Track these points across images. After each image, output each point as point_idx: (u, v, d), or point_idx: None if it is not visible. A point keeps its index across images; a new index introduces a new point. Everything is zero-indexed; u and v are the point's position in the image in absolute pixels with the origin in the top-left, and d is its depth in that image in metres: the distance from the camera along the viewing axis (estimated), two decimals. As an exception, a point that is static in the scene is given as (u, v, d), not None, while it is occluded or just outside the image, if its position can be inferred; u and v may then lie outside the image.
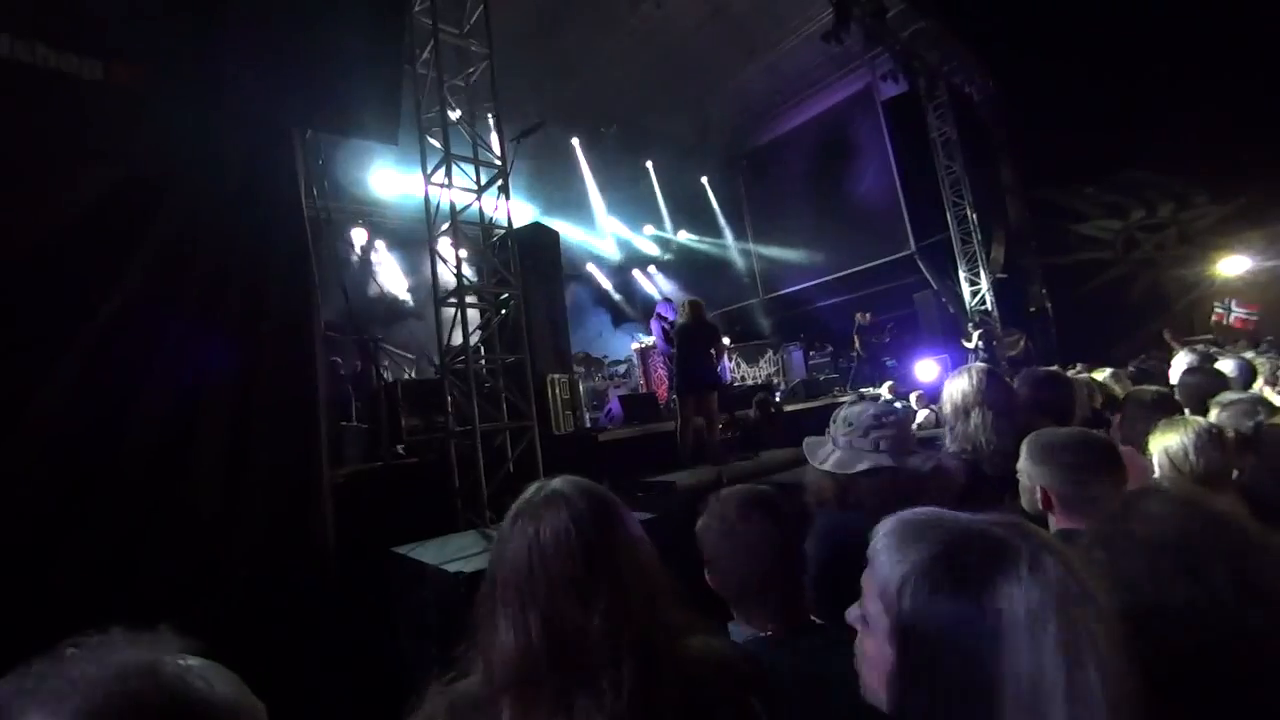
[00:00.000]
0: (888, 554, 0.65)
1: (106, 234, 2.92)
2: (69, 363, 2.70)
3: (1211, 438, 1.61)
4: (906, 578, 0.61)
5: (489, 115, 4.91)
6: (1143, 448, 1.71)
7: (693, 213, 14.75)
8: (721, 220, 14.74)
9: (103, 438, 2.72)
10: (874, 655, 0.65)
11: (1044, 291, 11.41)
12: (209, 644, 0.71)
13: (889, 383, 8.59)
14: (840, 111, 12.49)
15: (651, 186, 13.80)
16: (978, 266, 11.10)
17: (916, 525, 0.66)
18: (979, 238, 11.10)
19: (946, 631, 0.57)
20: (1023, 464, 1.44)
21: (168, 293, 3.04)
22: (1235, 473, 1.73)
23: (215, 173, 3.34)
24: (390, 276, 10.58)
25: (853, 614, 0.71)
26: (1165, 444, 1.65)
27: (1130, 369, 4.55)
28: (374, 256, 10.45)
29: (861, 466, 1.50)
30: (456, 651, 0.86)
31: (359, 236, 10.23)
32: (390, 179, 9.79)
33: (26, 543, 2.47)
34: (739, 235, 14.78)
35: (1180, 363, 3.07)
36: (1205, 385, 2.42)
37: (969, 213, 11.08)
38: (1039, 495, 1.36)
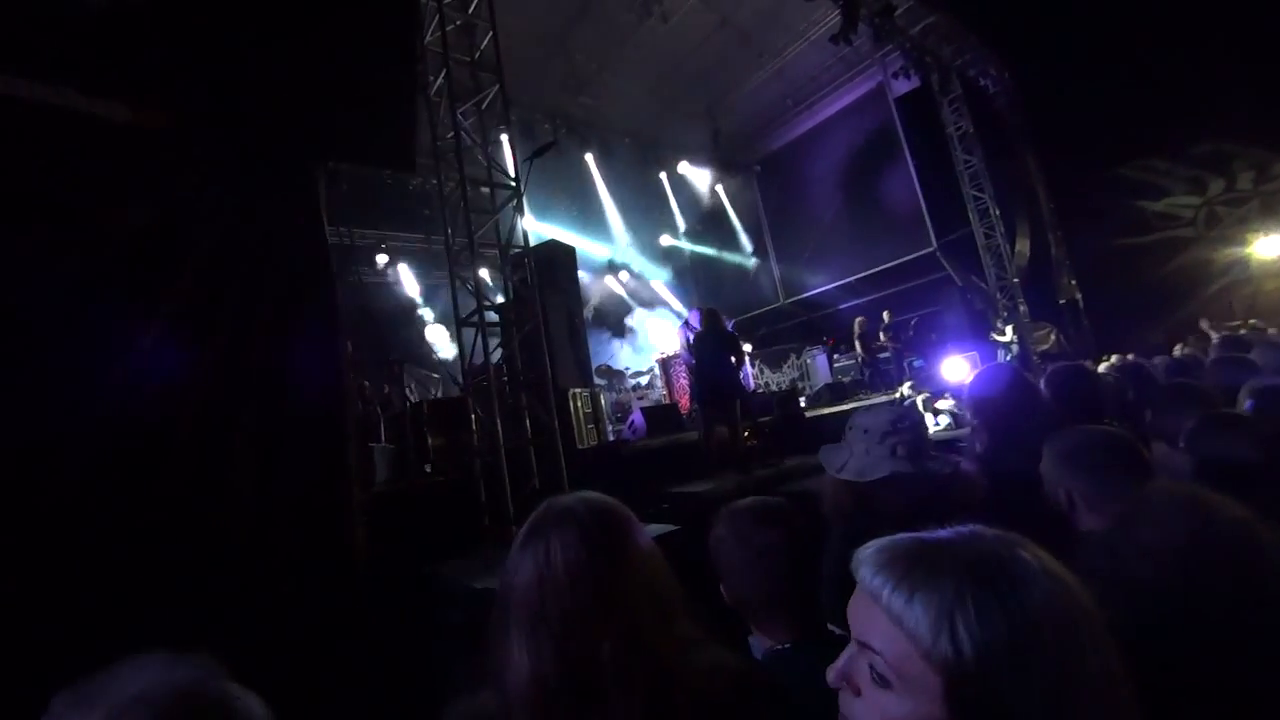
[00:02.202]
0: (904, 594, 0.54)
1: (138, 270, 3.04)
2: (104, 393, 2.81)
3: (1248, 430, 1.55)
4: (951, 616, 0.51)
5: (502, 138, 5.01)
6: (1175, 442, 1.66)
7: (709, 221, 14.78)
8: (738, 227, 14.73)
9: (134, 463, 2.82)
10: None
11: (1073, 282, 11.10)
12: (240, 661, 0.75)
13: (909, 383, 8.45)
14: (853, 112, 12.42)
15: (666, 197, 13.87)
16: (1003, 260, 10.88)
17: (916, 553, 0.57)
18: (1002, 231, 10.89)
19: (1017, 668, 0.49)
20: (1045, 465, 1.42)
21: (198, 323, 3.16)
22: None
23: (241, 207, 3.46)
24: (414, 299, 10.79)
25: (843, 670, 0.59)
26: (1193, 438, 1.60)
27: (1168, 360, 4.40)
28: (398, 280, 10.67)
29: (879, 474, 1.48)
30: (474, 667, 0.87)
31: (383, 261, 10.47)
32: (410, 204, 10.01)
33: (62, 556, 2.58)
34: (757, 241, 14.74)
35: (1213, 351, 2.96)
36: (1234, 373, 2.33)
37: (991, 206, 10.89)
38: (1062, 496, 1.33)
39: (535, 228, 5.07)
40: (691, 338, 6.94)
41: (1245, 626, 0.62)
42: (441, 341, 10.40)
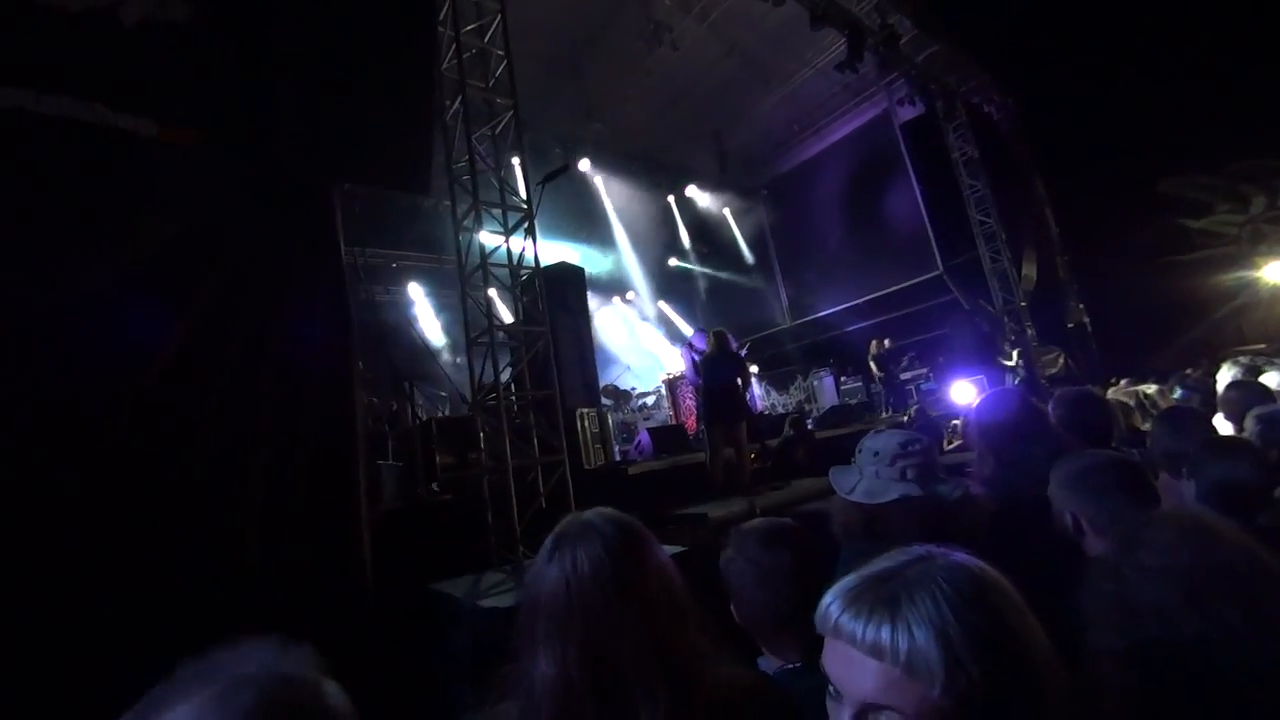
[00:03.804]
0: (905, 636, 0.53)
1: (158, 280, 3.12)
2: (119, 401, 2.86)
3: (1251, 455, 1.56)
4: (950, 643, 0.52)
5: (515, 161, 5.11)
6: (1172, 469, 1.67)
7: (717, 243, 14.89)
8: (745, 249, 14.84)
9: (143, 478, 2.86)
10: None
11: (1081, 306, 11.10)
12: None
13: (915, 406, 8.42)
14: (859, 137, 12.59)
15: (674, 219, 14.02)
16: (1010, 284, 10.91)
17: (886, 592, 0.57)
18: (1009, 255, 10.94)
19: (1008, 665, 0.51)
20: (1052, 489, 1.43)
21: (213, 338, 3.22)
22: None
23: (261, 224, 3.55)
24: (424, 318, 10.89)
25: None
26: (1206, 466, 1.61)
27: (1179, 389, 4.37)
28: (408, 299, 10.78)
29: (890, 496, 1.49)
30: (495, 680, 0.90)
31: (395, 281, 10.60)
32: (423, 225, 10.16)
33: (77, 565, 2.61)
34: (764, 263, 14.84)
35: (1225, 376, 2.97)
36: (1248, 400, 2.33)
37: (997, 230, 10.95)
38: (1069, 520, 1.35)
39: (545, 249, 5.16)
40: (696, 359, 6.98)
41: (1249, 651, 0.63)
42: (452, 359, 10.47)
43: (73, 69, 3.02)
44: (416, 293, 10.87)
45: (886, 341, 10.48)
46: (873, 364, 10.44)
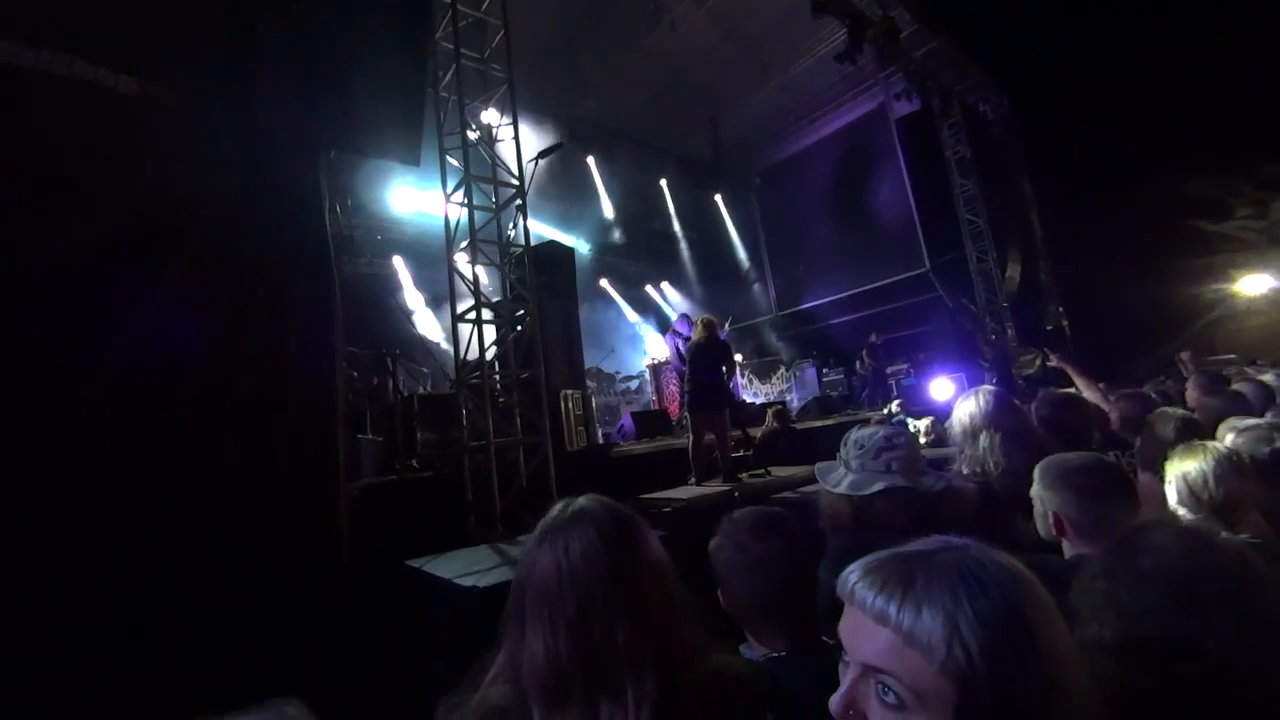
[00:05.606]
0: (911, 610, 0.54)
1: (140, 244, 3.02)
2: (101, 368, 2.78)
3: (1232, 464, 1.59)
4: (955, 623, 0.52)
5: (507, 136, 5.02)
6: (1161, 473, 1.70)
7: (707, 229, 14.85)
8: (735, 237, 14.82)
9: (124, 446, 2.79)
10: None
11: (1060, 310, 11.29)
12: (225, 653, 0.77)
13: (897, 400, 8.51)
14: (854, 130, 12.58)
15: (666, 203, 13.92)
16: (994, 284, 11.04)
17: (905, 568, 0.57)
18: (994, 256, 11.06)
19: (1017, 660, 0.50)
20: (1035, 489, 1.45)
21: (195, 306, 3.13)
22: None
23: (244, 190, 3.45)
24: (408, 292, 10.71)
25: (847, 699, 0.58)
26: (1183, 470, 1.64)
27: (1154, 394, 4.47)
28: (393, 272, 10.59)
29: (876, 488, 1.50)
30: (480, 661, 0.89)
31: (379, 253, 10.38)
32: (409, 197, 9.95)
33: (53, 544, 2.55)
34: (753, 252, 14.85)
35: (1193, 384, 3.04)
36: (1226, 408, 2.38)
37: (984, 230, 11.05)
38: (1052, 520, 1.37)
39: (535, 227, 5.09)
40: (680, 344, 6.96)
41: (1239, 657, 0.64)
42: (435, 334, 10.33)
43: (51, 22, 2.88)
44: (401, 266, 10.68)
45: (872, 335, 10.59)
46: (867, 355, 10.53)
